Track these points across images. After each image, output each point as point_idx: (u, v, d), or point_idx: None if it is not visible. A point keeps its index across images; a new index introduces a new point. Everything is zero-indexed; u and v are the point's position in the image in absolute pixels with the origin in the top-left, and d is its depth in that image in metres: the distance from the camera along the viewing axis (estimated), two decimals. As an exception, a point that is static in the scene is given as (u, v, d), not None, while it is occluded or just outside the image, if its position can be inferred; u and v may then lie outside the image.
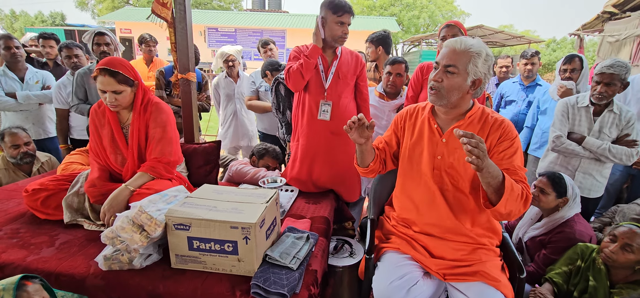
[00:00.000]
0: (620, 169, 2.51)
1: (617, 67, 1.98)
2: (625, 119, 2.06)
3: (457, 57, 1.30)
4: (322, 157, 2.15)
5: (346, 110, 2.14)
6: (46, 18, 31.11)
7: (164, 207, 1.37)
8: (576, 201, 1.89)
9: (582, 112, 2.15)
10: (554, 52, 23.87)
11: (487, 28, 13.56)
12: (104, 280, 1.30)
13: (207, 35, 20.45)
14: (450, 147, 1.41)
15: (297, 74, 2.03)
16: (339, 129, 2.11)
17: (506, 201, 1.19)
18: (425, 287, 1.31)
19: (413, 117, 1.56)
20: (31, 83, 2.86)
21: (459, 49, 1.30)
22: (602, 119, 2.09)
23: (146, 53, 3.79)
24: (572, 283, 1.71)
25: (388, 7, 27.82)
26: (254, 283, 1.22)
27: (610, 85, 2.01)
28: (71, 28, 20.28)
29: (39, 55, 3.85)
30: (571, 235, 1.81)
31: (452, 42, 1.34)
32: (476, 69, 1.30)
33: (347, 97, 2.16)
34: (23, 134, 2.47)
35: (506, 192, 1.18)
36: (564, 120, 2.18)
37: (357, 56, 2.20)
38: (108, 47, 2.63)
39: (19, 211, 1.78)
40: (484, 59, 1.30)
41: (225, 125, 3.45)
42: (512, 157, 1.33)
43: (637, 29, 5.24)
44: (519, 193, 1.23)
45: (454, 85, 1.31)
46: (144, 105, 1.76)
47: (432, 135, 1.46)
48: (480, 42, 1.33)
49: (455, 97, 1.34)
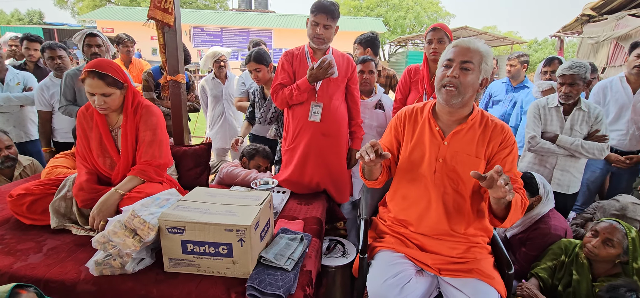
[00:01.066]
0: (600, 167, 2.61)
1: (576, 68, 2.07)
2: (593, 115, 2.16)
3: (472, 54, 1.31)
4: (314, 159, 2.15)
5: (337, 112, 2.16)
6: (23, 16, 30.10)
7: (157, 211, 1.36)
8: (549, 197, 1.96)
9: (552, 112, 2.24)
10: (536, 52, 24.55)
11: (472, 29, 13.87)
12: (95, 286, 1.27)
13: (192, 34, 20.19)
14: (452, 150, 1.41)
15: (285, 100, 2.11)
16: (330, 131, 2.13)
17: (512, 216, 1.25)
18: (418, 284, 1.34)
19: (412, 119, 1.54)
20: (12, 84, 2.78)
21: (473, 47, 1.32)
22: (572, 117, 2.18)
23: (124, 54, 3.67)
24: (557, 278, 1.77)
25: (374, 7, 28.05)
26: (250, 285, 1.23)
27: (573, 85, 2.10)
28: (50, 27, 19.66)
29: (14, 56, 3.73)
30: (547, 231, 1.88)
31: (464, 40, 1.35)
32: (487, 68, 1.34)
33: (338, 98, 2.17)
34: (4, 137, 2.40)
35: (513, 208, 1.23)
36: (536, 120, 2.26)
37: (348, 58, 2.20)
38: (100, 49, 2.57)
39: (3, 216, 1.73)
40: (490, 60, 1.35)
41: (214, 127, 3.42)
42: (512, 163, 1.37)
43: (614, 32, 5.46)
44: (521, 204, 1.29)
45: (469, 82, 1.32)
46: (134, 107, 1.73)
47: (433, 137, 1.45)
48: (485, 44, 1.37)
49: (469, 94, 1.34)
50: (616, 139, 2.54)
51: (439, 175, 1.43)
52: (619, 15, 5.47)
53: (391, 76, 3.19)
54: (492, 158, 1.40)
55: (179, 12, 2.14)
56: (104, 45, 2.60)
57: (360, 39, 3.11)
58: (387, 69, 3.22)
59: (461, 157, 1.40)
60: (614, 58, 5.52)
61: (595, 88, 2.69)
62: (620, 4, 5.56)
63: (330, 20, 1.98)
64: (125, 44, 3.64)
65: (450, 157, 1.41)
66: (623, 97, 2.50)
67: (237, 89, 3.17)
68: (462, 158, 1.40)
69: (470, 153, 1.40)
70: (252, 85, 3.06)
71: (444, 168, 1.42)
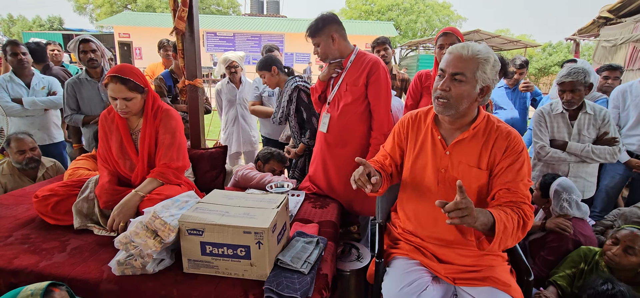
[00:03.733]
0: (620, 172, 2.55)
1: (574, 74, 2.04)
2: (600, 117, 2.11)
3: (465, 63, 1.23)
4: (321, 167, 2.23)
5: (347, 124, 2.10)
6: (44, 22, 31.09)
7: (177, 213, 1.39)
8: (581, 209, 1.92)
9: (558, 118, 2.20)
10: (550, 56, 24.09)
11: (484, 32, 13.71)
12: (117, 285, 1.31)
13: (205, 39, 20.49)
14: (455, 160, 1.35)
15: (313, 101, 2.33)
16: (333, 141, 2.15)
17: (499, 241, 1.13)
18: (434, 292, 1.32)
19: (416, 126, 1.49)
20: (37, 89, 2.88)
21: (466, 55, 1.23)
22: (579, 122, 2.14)
23: (164, 57, 3.78)
24: (576, 286, 1.74)
25: (385, 11, 28.02)
26: (267, 288, 1.24)
27: (574, 91, 2.06)
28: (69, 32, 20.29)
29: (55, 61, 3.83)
30: (564, 235, 1.85)
31: (458, 47, 1.26)
32: (485, 76, 1.23)
33: (351, 110, 2.07)
34: (29, 139, 2.48)
35: (498, 234, 1.11)
36: (543, 129, 2.22)
37: (370, 60, 2.04)
38: (95, 54, 2.63)
39: (28, 216, 1.79)
40: (492, 64, 1.24)
41: (227, 130, 3.47)
42: (518, 173, 1.26)
43: (632, 34, 5.33)
44: (514, 226, 1.16)
45: (462, 93, 1.24)
46: (154, 111, 1.78)
47: (435, 147, 1.39)
48: (487, 47, 1.27)
49: (464, 105, 1.27)
50: (636, 144, 2.48)
51: (443, 186, 1.37)
52: (638, 17, 5.35)
53: (406, 79, 3.20)
54: (495, 167, 1.30)
55: (198, 19, 2.19)
56: (98, 49, 2.67)
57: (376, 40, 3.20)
58: (401, 73, 3.23)
59: (463, 168, 1.33)
60: (632, 61, 5.39)
61: (614, 92, 2.64)
62: (638, 6, 5.43)
63: (314, 39, 2.03)
64: (166, 48, 3.74)
65: (452, 168, 1.35)
66: (644, 101, 2.45)
67: (251, 93, 3.22)
68: (464, 169, 1.33)
69: (472, 164, 1.32)
70: (265, 89, 3.12)
71: (447, 179, 1.36)
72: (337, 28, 2.03)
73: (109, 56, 2.87)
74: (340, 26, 2.05)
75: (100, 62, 2.69)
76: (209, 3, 30.85)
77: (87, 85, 2.66)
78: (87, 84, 2.67)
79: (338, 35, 2.03)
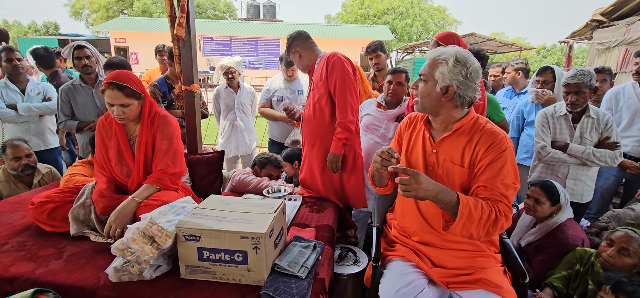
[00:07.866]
0: (614, 174, 2.58)
1: (580, 76, 2.06)
2: (603, 122, 2.13)
3: (428, 65, 1.36)
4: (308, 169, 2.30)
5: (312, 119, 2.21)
6: (40, 28, 30.98)
7: (174, 218, 1.39)
8: (568, 206, 1.95)
9: (561, 120, 2.22)
10: (545, 58, 24.33)
11: (479, 36, 13.81)
12: (114, 292, 1.30)
13: (202, 44, 20.50)
14: (441, 158, 1.41)
15: None
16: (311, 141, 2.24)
17: (463, 224, 1.19)
18: (431, 294, 1.34)
19: (412, 126, 1.57)
20: (32, 95, 2.87)
21: (431, 57, 1.35)
22: (582, 125, 2.16)
23: (161, 63, 3.79)
24: (572, 288, 1.75)
25: (381, 15, 28.19)
26: (265, 293, 1.24)
27: (579, 93, 2.08)
28: (65, 37, 20.22)
29: None
30: (564, 240, 1.86)
31: (430, 51, 1.40)
32: (443, 76, 1.29)
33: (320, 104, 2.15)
34: (24, 146, 2.47)
35: (461, 216, 1.18)
36: (545, 130, 2.24)
37: (329, 55, 2.10)
38: (89, 60, 2.63)
39: (24, 223, 1.78)
40: (452, 65, 1.27)
41: (224, 135, 3.48)
42: (498, 172, 1.27)
43: (624, 37, 5.41)
44: (483, 217, 1.20)
45: (423, 91, 1.37)
46: (151, 117, 1.79)
47: (424, 144, 1.47)
48: (455, 49, 1.31)
49: (429, 103, 1.36)
50: (630, 145, 2.52)
51: None
52: (630, 20, 5.43)
53: None
54: (476, 165, 1.33)
55: (194, 25, 2.20)
56: (93, 55, 2.67)
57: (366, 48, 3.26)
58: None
59: (447, 165, 1.39)
60: (625, 63, 5.46)
61: (608, 94, 2.67)
62: (630, 9, 5.52)
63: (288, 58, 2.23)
64: (162, 54, 3.75)
65: (438, 165, 1.42)
66: (636, 102, 2.48)
67: (261, 96, 3.27)
68: (448, 166, 1.39)
69: (456, 162, 1.37)
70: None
71: (434, 176, 1.40)
72: (300, 43, 2.22)
73: (103, 62, 2.86)
74: (303, 40, 2.22)
75: (94, 68, 2.69)
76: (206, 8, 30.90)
77: (81, 91, 2.66)
78: (82, 90, 2.66)
79: (301, 49, 2.22)
